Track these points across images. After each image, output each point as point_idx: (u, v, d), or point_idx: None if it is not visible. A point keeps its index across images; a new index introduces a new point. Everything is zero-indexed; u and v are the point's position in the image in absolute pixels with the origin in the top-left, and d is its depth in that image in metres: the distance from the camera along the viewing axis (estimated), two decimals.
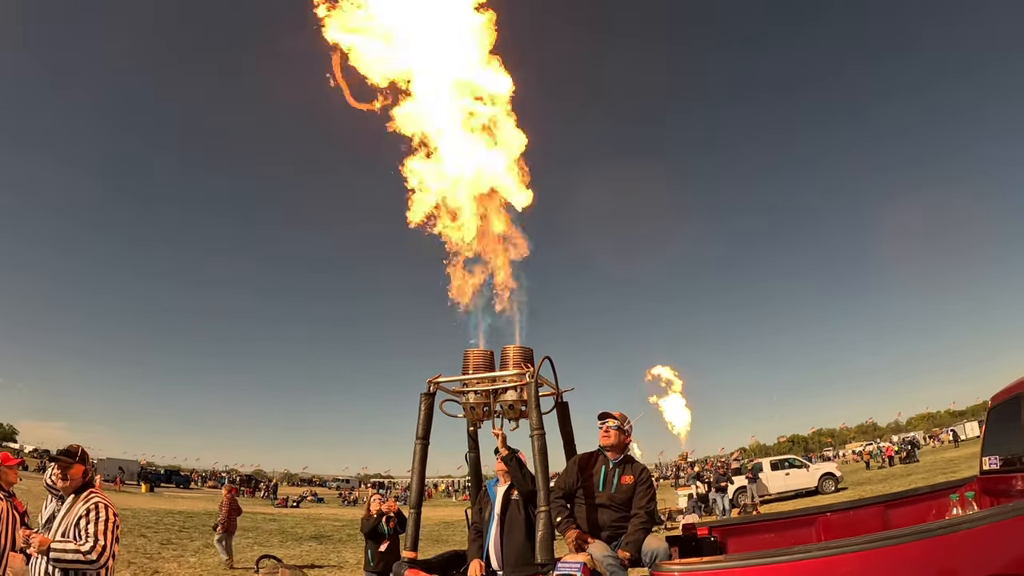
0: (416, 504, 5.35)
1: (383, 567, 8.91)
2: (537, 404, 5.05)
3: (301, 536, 22.55)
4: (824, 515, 5.94)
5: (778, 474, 30.56)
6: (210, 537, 19.58)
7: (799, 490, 29.82)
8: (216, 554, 15.25)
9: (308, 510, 41.99)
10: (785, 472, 30.75)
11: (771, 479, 30.08)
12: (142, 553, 15.15)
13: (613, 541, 5.02)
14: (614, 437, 5.25)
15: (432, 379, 5.40)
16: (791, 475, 30.56)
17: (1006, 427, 5.60)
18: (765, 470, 30.66)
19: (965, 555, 3.23)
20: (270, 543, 19.49)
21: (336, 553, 17.35)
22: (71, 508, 4.26)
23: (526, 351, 5.44)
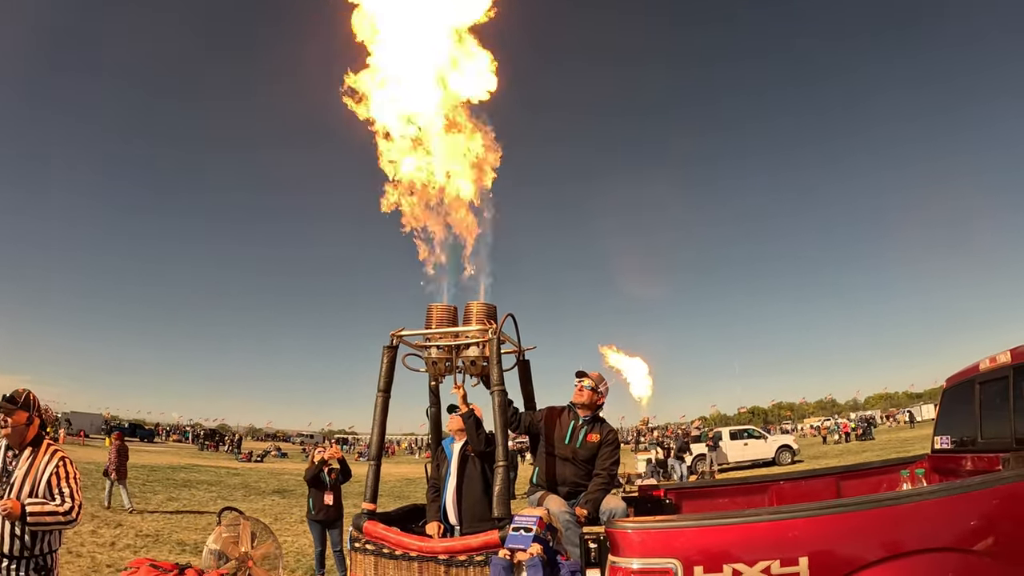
0: (376, 457, 5.34)
1: (324, 516, 8.89)
2: (499, 360, 5.05)
3: (264, 490, 22.52)
4: (777, 483, 6.05)
5: (736, 444, 31.23)
6: (175, 491, 19.60)
7: (756, 460, 30.39)
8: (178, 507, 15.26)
9: (272, 465, 41.92)
10: (744, 442, 31.41)
11: (730, 448, 30.69)
12: (105, 506, 15.12)
13: (572, 498, 5.07)
14: (587, 396, 5.26)
15: (395, 332, 5.37)
16: (749, 445, 31.23)
17: (959, 409, 5.70)
18: (724, 439, 31.23)
19: (911, 527, 3.28)
20: (233, 497, 19.46)
21: (299, 507, 17.32)
22: (32, 463, 4.05)
23: (490, 308, 5.41)
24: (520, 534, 3.81)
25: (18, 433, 4.07)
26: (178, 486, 21.80)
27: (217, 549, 6.94)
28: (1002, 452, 4.77)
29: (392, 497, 18.75)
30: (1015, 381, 4.81)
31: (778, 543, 3.15)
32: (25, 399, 4.15)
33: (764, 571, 3.08)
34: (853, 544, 3.20)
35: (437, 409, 5.98)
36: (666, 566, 3.10)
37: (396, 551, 4.87)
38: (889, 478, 6.07)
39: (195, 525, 13.59)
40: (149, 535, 12.08)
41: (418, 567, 4.75)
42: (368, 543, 5.02)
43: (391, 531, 4.98)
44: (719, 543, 3.17)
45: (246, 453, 48.14)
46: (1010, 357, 4.86)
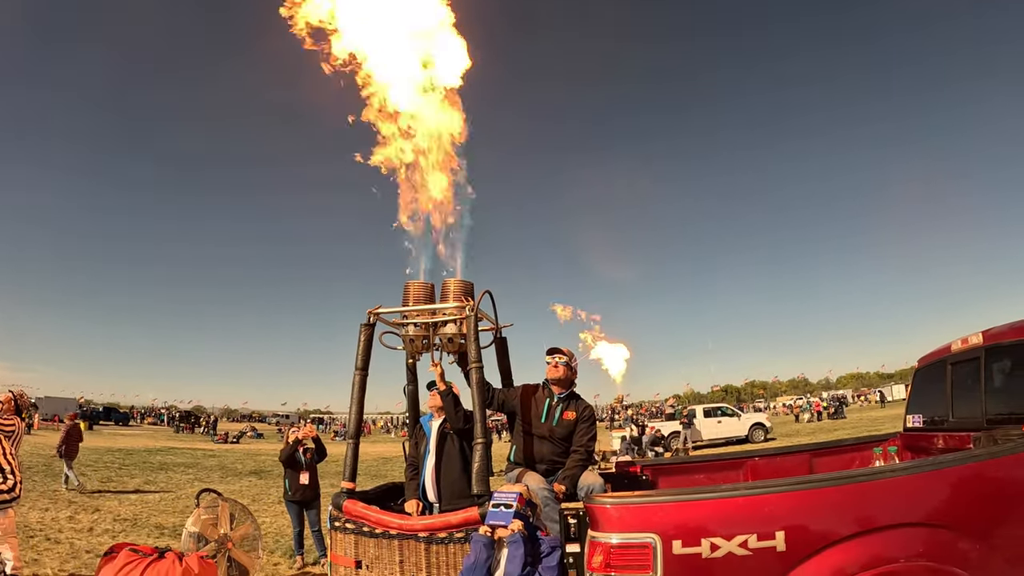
0: (354, 435, 5.34)
1: (300, 497, 8.86)
2: (476, 337, 5.06)
3: (241, 472, 22.47)
4: (752, 459, 6.12)
5: (710, 421, 31.71)
6: (152, 474, 19.48)
7: (730, 438, 30.89)
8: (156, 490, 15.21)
9: (248, 446, 41.81)
10: (717, 420, 31.91)
11: (703, 426, 31.16)
12: (82, 491, 15.03)
13: (550, 475, 5.09)
14: (562, 372, 5.28)
15: (372, 310, 5.36)
16: (723, 423, 31.74)
17: (930, 389, 5.76)
18: (698, 417, 31.73)
19: (885, 503, 3.32)
20: (210, 479, 19.42)
21: (276, 488, 17.28)
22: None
23: (467, 285, 5.40)
24: (500, 510, 3.83)
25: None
26: (155, 469, 21.68)
27: (196, 531, 6.91)
28: (973, 431, 4.83)
29: (369, 476, 18.74)
30: (986, 362, 4.87)
31: (755, 517, 3.19)
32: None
33: (741, 545, 3.12)
34: (828, 519, 3.25)
35: (415, 387, 5.97)
36: (645, 540, 3.14)
37: (376, 529, 4.88)
38: (862, 455, 6.14)
39: (173, 508, 13.50)
40: (127, 519, 11.98)
41: (398, 545, 4.76)
42: (348, 522, 5.02)
43: (371, 509, 4.98)
44: (697, 517, 3.21)
45: (222, 434, 48.00)
46: (982, 339, 4.91)
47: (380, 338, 5.50)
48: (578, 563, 3.55)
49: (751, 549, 3.13)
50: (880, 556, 3.21)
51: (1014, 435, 4.11)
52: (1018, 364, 4.58)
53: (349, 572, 4.99)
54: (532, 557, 3.66)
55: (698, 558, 3.12)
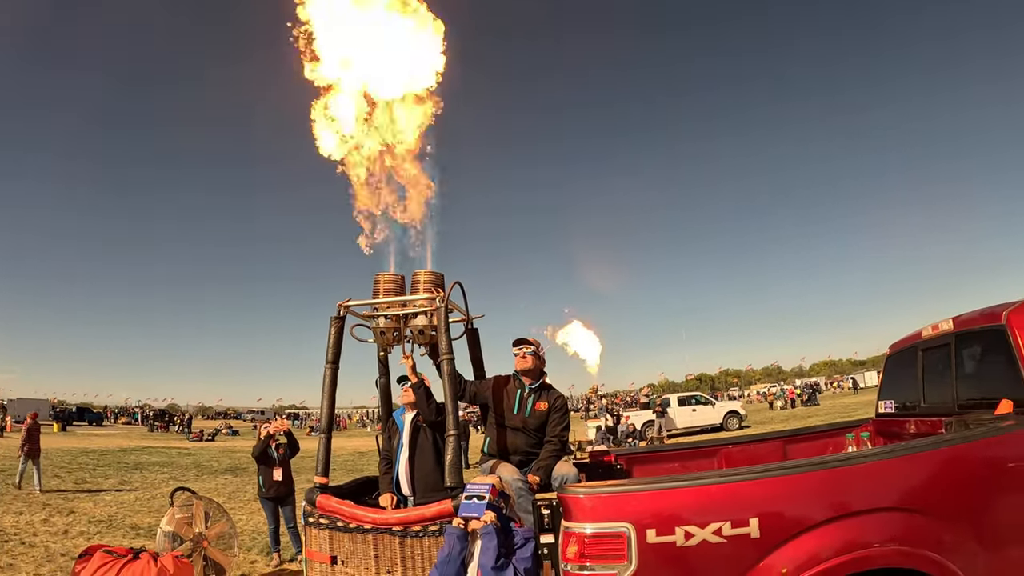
0: (327, 429, 5.30)
1: (275, 493, 8.77)
2: (447, 329, 5.02)
3: (216, 469, 22.32)
4: (726, 447, 6.13)
5: (685, 410, 31.93)
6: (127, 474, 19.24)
7: (705, 426, 31.14)
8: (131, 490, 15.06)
9: (223, 443, 41.53)
10: (692, 408, 32.16)
11: (678, 414, 31.42)
12: (56, 493, 14.90)
13: (524, 466, 5.07)
14: (531, 362, 5.24)
15: (342, 303, 5.29)
16: (698, 411, 32.02)
17: (902, 375, 5.80)
18: (673, 406, 31.94)
19: (858, 488, 3.33)
20: (185, 477, 19.26)
21: (252, 485, 17.12)
22: None
23: (437, 276, 5.36)
24: (473, 502, 3.80)
25: None
26: (129, 469, 21.47)
27: (171, 531, 6.86)
28: (944, 416, 4.87)
29: (345, 471, 18.67)
30: (957, 348, 4.90)
31: (729, 505, 3.19)
32: None
33: (716, 532, 3.11)
34: (802, 505, 3.25)
35: (387, 380, 5.92)
36: (619, 530, 3.12)
37: (350, 524, 4.84)
38: (835, 441, 6.17)
39: (148, 508, 13.37)
40: (102, 521, 11.85)
41: (373, 539, 4.72)
42: (322, 517, 4.98)
43: (345, 504, 4.94)
44: (671, 506, 3.19)
45: (197, 432, 47.62)
46: (952, 325, 4.94)
47: (351, 331, 5.45)
48: (552, 554, 3.53)
49: (725, 536, 3.12)
50: (854, 541, 3.21)
51: (985, 419, 4.14)
52: (988, 350, 4.59)
53: (325, 568, 4.95)
54: (506, 549, 3.63)
55: (672, 546, 3.11)
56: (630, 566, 3.10)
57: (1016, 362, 4.08)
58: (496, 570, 3.50)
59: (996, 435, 3.70)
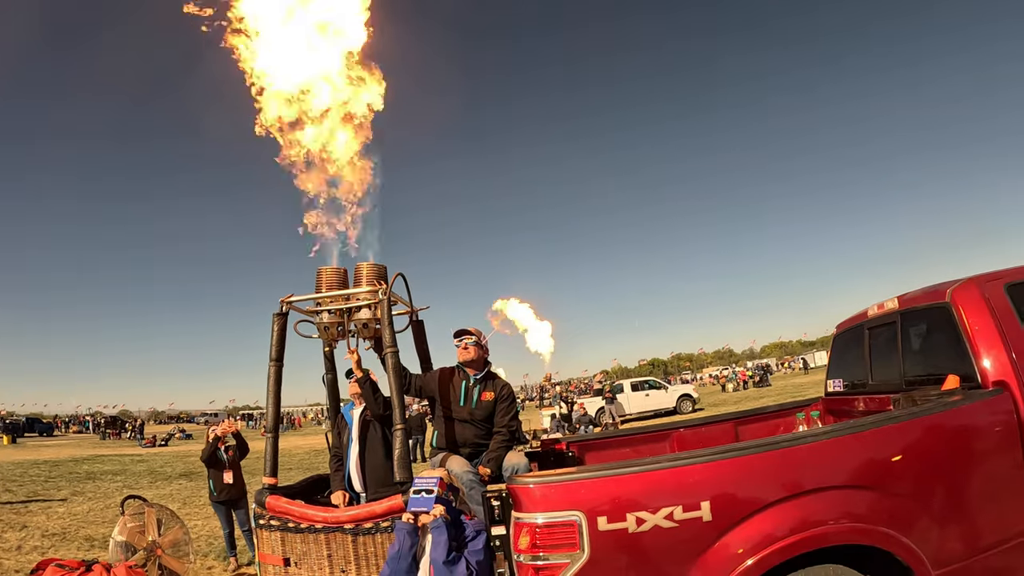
0: (272, 428, 5.18)
1: (226, 496, 8.62)
2: (390, 322, 4.95)
3: (170, 475, 21.95)
4: (678, 430, 6.14)
5: (638, 395, 32.40)
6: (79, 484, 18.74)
7: (658, 410, 31.60)
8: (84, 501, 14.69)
9: (177, 448, 40.78)
10: (645, 393, 32.62)
11: (632, 399, 31.84)
12: (8, 508, 14.41)
13: (475, 458, 5.02)
14: (473, 352, 5.18)
15: (284, 299, 5.19)
16: (651, 396, 32.47)
17: (849, 354, 5.85)
18: (626, 391, 32.42)
19: (810, 467, 3.34)
20: (139, 485, 18.85)
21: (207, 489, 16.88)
22: None
23: (379, 268, 5.27)
24: (421, 496, 3.74)
25: None
26: (82, 479, 20.87)
27: (123, 541, 6.73)
28: (892, 393, 4.92)
29: (302, 470, 18.46)
30: (903, 326, 4.96)
31: (679, 489, 3.16)
32: None
33: (667, 517, 3.08)
34: (754, 486, 3.23)
35: (334, 376, 5.83)
36: (570, 518, 3.07)
37: (302, 524, 4.76)
38: (785, 421, 6.25)
39: (102, 518, 13.04)
40: (56, 534, 11.53)
41: (325, 539, 4.65)
42: (273, 519, 4.88)
43: (295, 504, 4.86)
44: (621, 492, 3.15)
45: (150, 438, 46.62)
46: (897, 303, 4.98)
47: (295, 327, 5.34)
48: (505, 545, 3.48)
49: (677, 521, 3.09)
50: (807, 519, 3.21)
51: (933, 395, 4.18)
52: (933, 327, 4.64)
53: (278, 570, 4.86)
54: (457, 542, 3.58)
55: (624, 533, 3.07)
56: (583, 555, 3.06)
57: (961, 339, 4.14)
58: (448, 564, 3.44)
59: (944, 410, 3.74)
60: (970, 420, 3.74)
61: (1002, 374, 3.91)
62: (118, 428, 60.54)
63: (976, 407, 3.78)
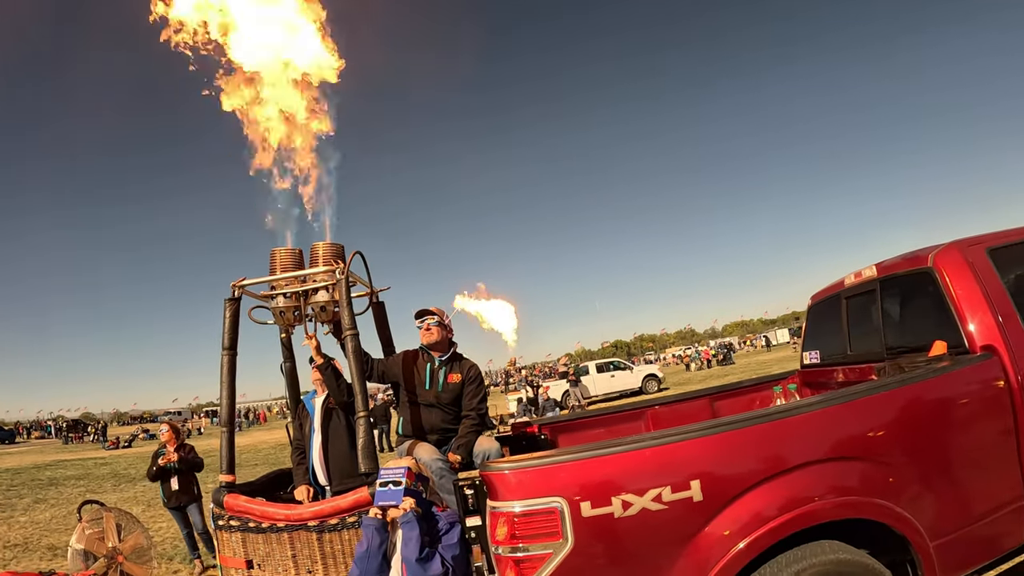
0: (228, 422, 4.88)
1: (177, 503, 8.33)
2: (349, 303, 4.68)
3: (135, 477, 21.41)
4: (653, 408, 6.00)
5: (604, 376, 32.74)
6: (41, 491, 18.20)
7: (624, 391, 31.90)
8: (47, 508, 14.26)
9: (141, 448, 40.08)
10: (611, 374, 33.03)
11: (597, 381, 32.04)
12: None
13: (443, 445, 4.82)
14: (436, 333, 4.97)
15: (236, 283, 4.88)
16: (616, 377, 32.85)
17: (826, 324, 5.79)
18: (591, 373, 32.74)
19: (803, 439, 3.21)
20: (103, 488, 18.44)
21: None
22: None
23: (336, 248, 4.99)
24: (389, 489, 3.47)
25: None
26: (44, 486, 20.39)
27: (82, 549, 6.49)
28: (874, 362, 4.85)
29: (268, 465, 18.17)
30: (882, 294, 4.88)
31: (667, 468, 2.96)
32: None
33: (656, 499, 2.87)
34: (747, 460, 3.05)
35: (292, 364, 5.56)
36: (551, 505, 2.84)
37: (263, 523, 4.50)
38: (762, 395, 6.18)
39: (65, 526, 12.66)
40: (17, 544, 11.22)
41: (289, 538, 4.40)
42: (232, 519, 4.63)
43: (255, 502, 4.60)
44: (605, 474, 2.93)
45: (113, 440, 45.92)
46: (876, 271, 4.91)
47: (249, 313, 5.05)
48: (481, 537, 3.24)
49: (666, 502, 2.88)
50: (803, 494, 3.06)
51: (921, 362, 4.12)
52: (915, 294, 4.56)
53: (241, 574, 4.60)
54: (430, 537, 3.34)
55: (611, 518, 2.85)
56: (566, 543, 2.83)
57: (946, 303, 4.06)
58: (421, 562, 3.20)
59: (934, 376, 3.66)
60: (960, 386, 3.65)
61: (989, 338, 3.83)
62: (81, 432, 59.71)
63: (965, 372, 3.69)
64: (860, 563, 3.10)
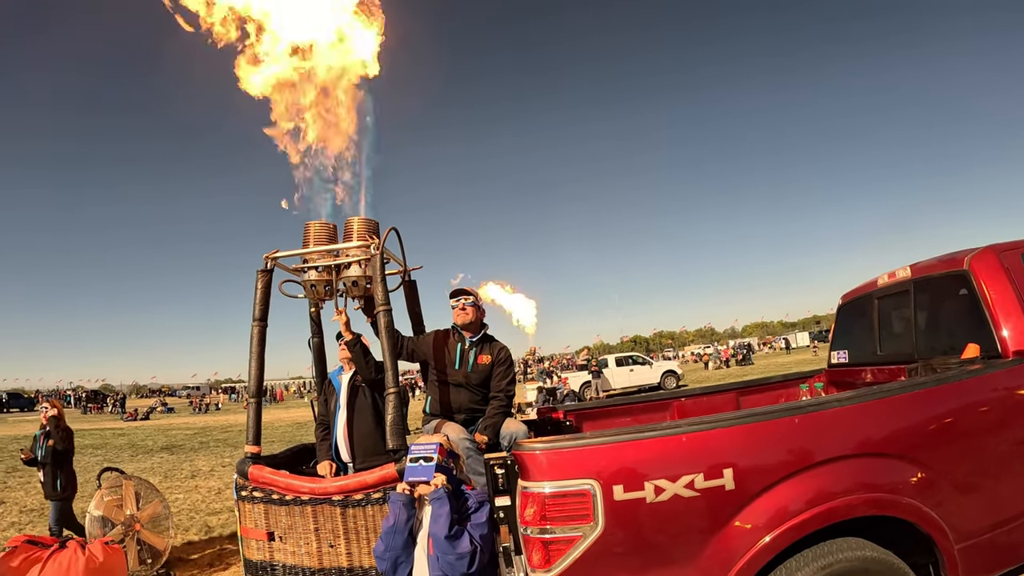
0: (255, 393, 4.90)
1: (60, 495, 7.68)
2: (383, 278, 4.66)
3: (152, 448, 21.67)
4: (679, 400, 5.99)
5: (623, 370, 32.58)
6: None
7: (642, 386, 31.71)
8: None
9: (158, 421, 40.57)
10: (630, 368, 32.86)
11: (616, 375, 31.99)
12: None
13: (470, 425, 4.82)
14: (471, 314, 4.96)
15: (269, 255, 4.89)
16: (635, 371, 32.68)
17: (856, 324, 5.75)
18: (611, 366, 32.63)
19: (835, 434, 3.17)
20: (120, 459, 18.62)
21: (189, 462, 16.80)
22: None
23: (371, 223, 4.98)
24: (420, 465, 3.44)
25: None
26: None
27: (100, 515, 6.56)
28: (905, 363, 4.80)
29: (284, 443, 18.28)
30: (915, 295, 4.85)
31: (701, 455, 2.93)
32: None
33: (688, 485, 2.85)
34: (777, 452, 3.03)
35: (320, 339, 5.57)
36: (583, 487, 2.83)
37: (287, 496, 4.52)
38: (788, 392, 6.15)
39: (82, 493, 12.62)
40: (34, 509, 11.35)
41: (312, 511, 4.42)
42: (255, 490, 4.65)
43: (280, 475, 4.62)
44: (639, 459, 2.91)
45: (131, 411, 46.40)
46: (910, 272, 4.89)
47: (279, 287, 5.05)
48: (510, 517, 3.24)
49: (698, 489, 2.86)
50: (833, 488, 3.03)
51: (954, 364, 4.09)
52: (947, 296, 4.53)
53: (262, 545, 4.64)
54: (458, 515, 3.33)
55: (643, 503, 2.83)
56: (596, 527, 2.81)
57: (981, 307, 4.04)
58: (450, 539, 3.19)
59: (967, 378, 3.63)
60: (992, 390, 3.63)
61: (1023, 343, 3.81)
62: (100, 402, 60.32)
63: (998, 376, 3.66)
64: (885, 561, 3.08)
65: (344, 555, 4.35)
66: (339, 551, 4.36)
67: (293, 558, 4.52)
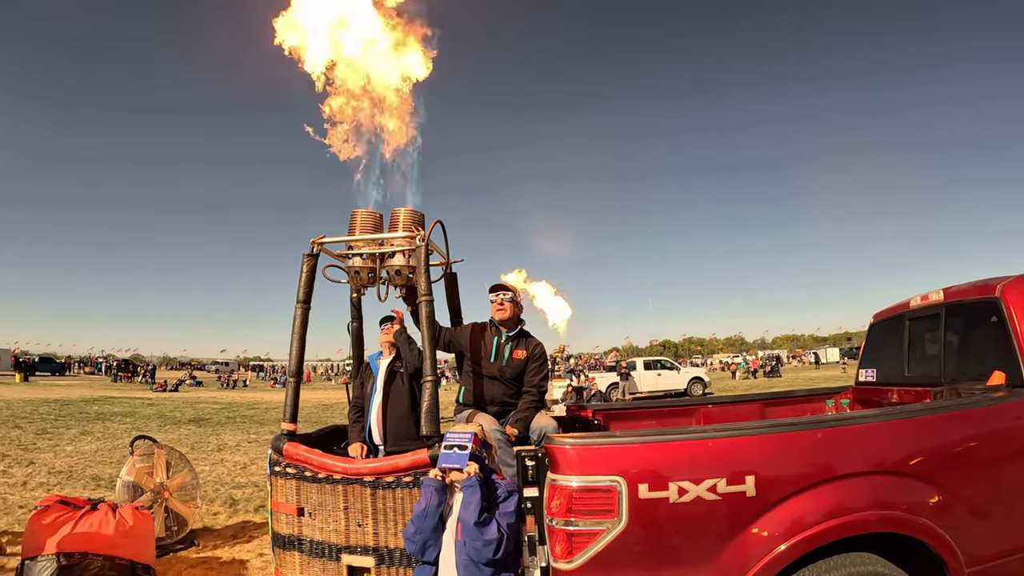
0: (295, 373, 5.03)
1: None
2: (427, 269, 4.75)
3: (180, 420, 21.99)
4: (705, 407, 6.08)
5: (650, 374, 32.59)
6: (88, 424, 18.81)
7: (669, 391, 31.68)
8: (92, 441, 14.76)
9: (187, 394, 41.09)
10: (657, 372, 32.88)
11: (644, 378, 31.99)
12: (16, 444, 14.48)
13: (501, 417, 4.92)
14: (509, 310, 5.06)
15: (316, 239, 5.01)
16: (662, 376, 32.69)
17: (886, 343, 5.78)
18: (639, 369, 32.61)
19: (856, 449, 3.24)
20: (148, 428, 18.87)
21: (215, 436, 17.05)
22: None
23: (417, 215, 5.08)
24: (454, 452, 3.57)
25: None
26: (91, 419, 20.89)
27: (131, 481, 6.69)
28: (931, 386, 4.83)
29: (310, 423, 18.48)
30: (947, 319, 4.88)
31: (725, 460, 3.04)
32: None
33: (710, 489, 2.96)
34: (799, 463, 3.13)
35: (359, 324, 5.69)
36: (610, 484, 2.95)
37: (319, 474, 4.64)
38: (814, 407, 6.19)
39: (110, 459, 13.07)
40: (63, 472, 11.59)
41: (343, 490, 4.53)
42: (289, 466, 4.78)
43: (313, 453, 4.74)
44: (665, 460, 3.03)
45: (160, 382, 47.06)
46: (942, 296, 4.93)
47: (323, 272, 5.18)
48: (537, 508, 3.37)
49: (720, 494, 2.97)
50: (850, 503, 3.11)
51: (978, 390, 4.13)
52: (978, 322, 4.57)
53: (291, 520, 4.76)
54: (488, 503, 3.45)
55: (666, 503, 2.95)
56: (619, 522, 2.94)
57: (1009, 335, 4.07)
58: (479, 526, 3.32)
59: (990, 405, 3.69)
60: (1016, 418, 3.67)
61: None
62: (130, 371, 61.14)
63: (1022, 405, 3.70)
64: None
65: (371, 534, 4.45)
66: (366, 530, 4.47)
67: (321, 534, 4.63)
